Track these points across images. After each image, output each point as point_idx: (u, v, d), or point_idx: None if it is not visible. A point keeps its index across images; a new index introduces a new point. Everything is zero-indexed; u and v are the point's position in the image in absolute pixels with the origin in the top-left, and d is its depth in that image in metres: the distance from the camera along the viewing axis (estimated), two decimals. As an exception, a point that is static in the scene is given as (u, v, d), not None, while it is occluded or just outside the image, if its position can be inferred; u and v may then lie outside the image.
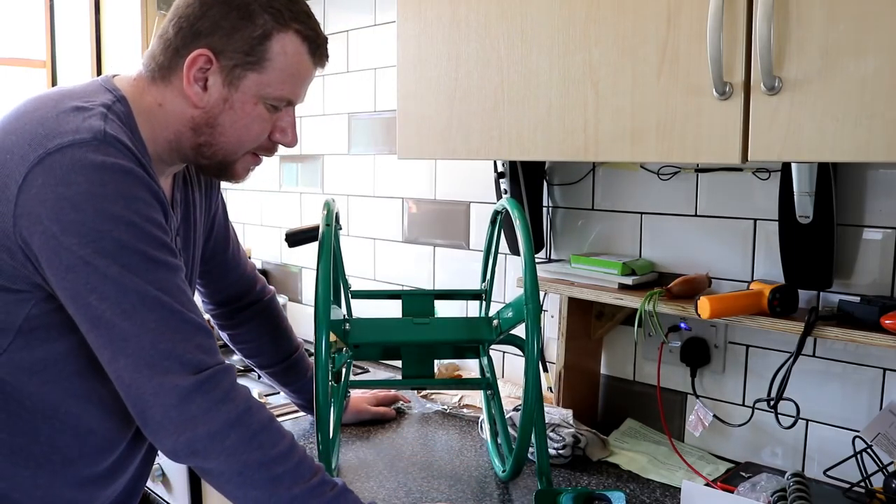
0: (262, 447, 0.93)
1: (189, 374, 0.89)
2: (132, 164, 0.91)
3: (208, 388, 0.90)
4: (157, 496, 1.61)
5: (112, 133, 0.91)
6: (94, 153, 0.88)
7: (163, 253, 0.92)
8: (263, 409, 0.96)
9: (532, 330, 1.09)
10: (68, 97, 0.95)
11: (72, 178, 0.87)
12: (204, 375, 0.90)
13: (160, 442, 0.91)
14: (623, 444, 1.43)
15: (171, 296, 0.91)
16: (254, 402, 0.95)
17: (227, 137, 1.03)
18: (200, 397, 0.90)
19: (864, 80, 0.83)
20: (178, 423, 0.89)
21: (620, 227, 1.50)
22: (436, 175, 1.88)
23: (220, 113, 1.01)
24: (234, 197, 2.60)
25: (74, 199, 0.87)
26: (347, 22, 2.08)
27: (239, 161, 1.06)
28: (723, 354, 1.39)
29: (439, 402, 1.63)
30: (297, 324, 2.30)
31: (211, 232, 1.29)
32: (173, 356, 0.89)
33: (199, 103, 1.00)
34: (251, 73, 0.99)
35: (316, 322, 1.10)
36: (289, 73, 1.02)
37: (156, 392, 0.88)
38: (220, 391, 0.91)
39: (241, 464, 0.92)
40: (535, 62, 1.14)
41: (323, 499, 0.95)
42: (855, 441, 1.18)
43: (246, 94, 1.00)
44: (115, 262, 0.88)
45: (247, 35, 0.98)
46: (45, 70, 3.00)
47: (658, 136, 1.01)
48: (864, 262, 1.20)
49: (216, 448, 0.91)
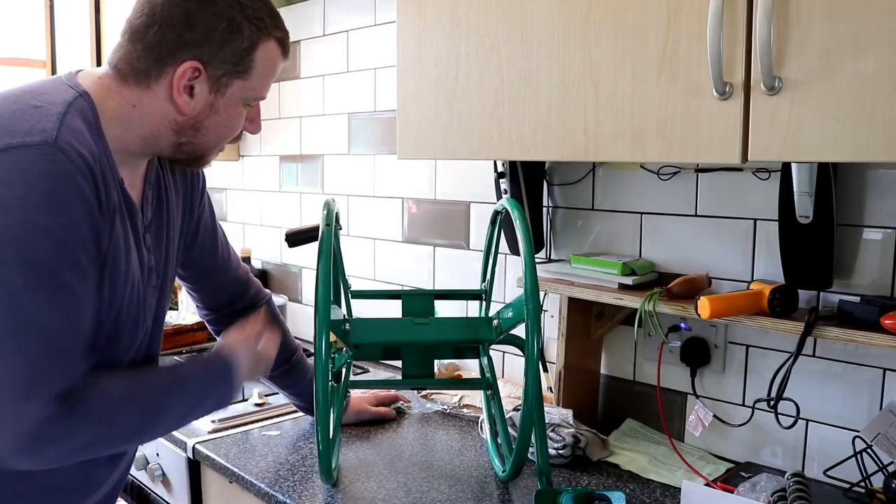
0: (131, 431, 1.01)
1: (47, 405, 0.89)
2: (76, 173, 0.90)
3: (65, 417, 0.90)
4: (157, 496, 1.61)
5: (64, 137, 0.90)
6: (39, 159, 0.88)
7: (73, 276, 0.91)
8: (129, 402, 0.99)
9: (532, 330, 1.09)
10: (28, 94, 0.95)
11: (11, 180, 0.87)
12: (61, 405, 0.90)
13: (16, 464, 0.92)
14: (623, 444, 1.43)
15: (62, 322, 0.91)
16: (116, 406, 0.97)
17: (209, 137, 1.06)
18: (57, 427, 0.90)
19: (864, 80, 0.83)
20: (30, 450, 0.90)
21: (620, 227, 1.50)
22: (436, 175, 1.88)
23: (206, 118, 1.03)
24: (235, 197, 2.60)
25: (7, 202, 0.87)
26: (347, 22, 2.08)
27: (212, 153, 1.11)
28: (723, 354, 1.39)
29: (439, 402, 1.63)
30: (297, 324, 2.31)
31: (196, 235, 1.28)
32: (39, 385, 0.89)
33: (186, 111, 1.02)
34: (237, 80, 1.02)
35: (316, 322, 1.10)
36: (267, 76, 1.06)
37: (14, 417, 0.88)
38: (76, 417, 0.91)
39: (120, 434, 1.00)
40: (535, 62, 1.14)
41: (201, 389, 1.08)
42: (855, 441, 1.18)
43: (231, 99, 1.04)
44: (23, 275, 0.87)
45: (235, 47, 1.00)
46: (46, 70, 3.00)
47: (658, 136, 1.01)
48: (864, 262, 1.19)
49: (72, 457, 0.96)
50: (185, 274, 1.34)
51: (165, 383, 1.06)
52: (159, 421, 1.04)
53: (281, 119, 2.36)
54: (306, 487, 1.24)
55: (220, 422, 1.54)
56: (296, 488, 1.24)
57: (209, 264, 1.33)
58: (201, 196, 1.28)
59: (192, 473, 1.49)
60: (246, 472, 1.30)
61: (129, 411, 0.99)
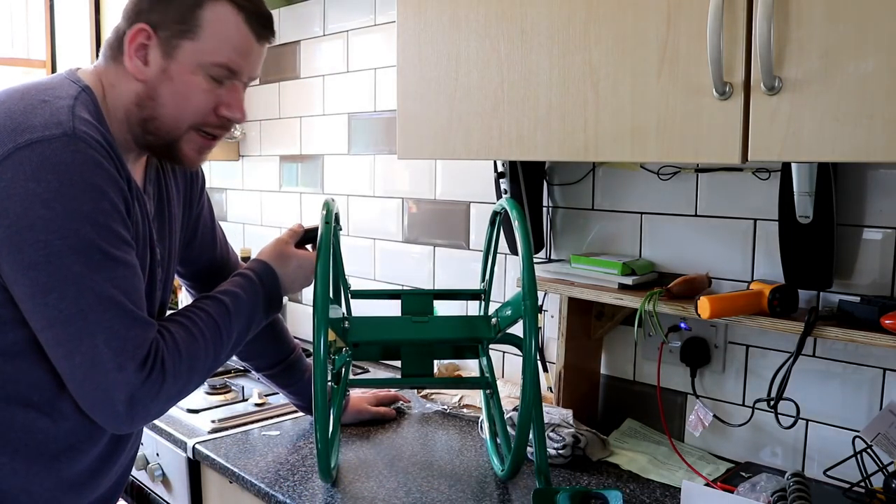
0: (204, 370, 1.07)
1: (138, 371, 0.95)
2: (101, 157, 0.94)
3: (153, 378, 0.97)
4: (157, 496, 1.61)
5: (80, 127, 0.93)
6: (63, 150, 0.91)
7: (123, 250, 0.96)
8: (196, 345, 1.04)
9: (529, 327, 1.09)
10: (34, 90, 0.97)
11: (42, 175, 0.89)
12: (147, 367, 0.96)
13: (115, 428, 1.00)
14: (623, 444, 1.43)
15: (125, 295, 0.96)
16: (187, 354, 1.03)
17: (168, 109, 1.03)
18: (147, 388, 0.96)
19: (864, 80, 0.83)
20: (130, 415, 0.96)
21: (620, 227, 1.50)
22: (436, 175, 1.88)
23: (160, 84, 1.02)
24: (235, 197, 2.60)
25: (44, 196, 0.89)
26: (347, 22, 2.08)
27: (184, 139, 1.06)
28: (723, 354, 1.39)
29: (439, 402, 1.63)
30: (297, 323, 2.31)
31: (196, 232, 1.30)
32: (125, 353, 0.94)
33: (139, 76, 1.02)
34: (185, 41, 1.01)
35: (314, 320, 1.10)
36: (223, 40, 1.02)
37: (109, 388, 0.94)
38: (162, 374, 0.98)
39: (198, 379, 1.06)
40: (535, 62, 1.14)
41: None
42: (855, 441, 1.18)
43: (183, 64, 1.02)
44: (79, 261, 0.91)
45: (179, 5, 1.01)
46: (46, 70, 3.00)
47: (658, 136, 1.01)
48: (864, 262, 1.19)
49: (166, 409, 1.03)
50: (184, 272, 1.35)
51: (219, 313, 1.10)
52: (227, 346, 1.11)
53: (281, 119, 2.36)
54: (306, 487, 1.24)
55: (220, 422, 1.54)
56: (296, 488, 1.24)
57: (208, 262, 1.34)
58: (200, 194, 1.29)
59: (192, 473, 1.49)
60: (246, 472, 1.30)
61: (202, 352, 1.05)
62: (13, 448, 0.99)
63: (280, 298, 1.23)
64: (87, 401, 0.96)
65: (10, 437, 0.99)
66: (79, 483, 1.07)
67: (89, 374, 0.93)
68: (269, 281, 1.20)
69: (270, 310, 1.21)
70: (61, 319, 0.92)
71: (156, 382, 0.97)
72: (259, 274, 1.19)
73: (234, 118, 1.07)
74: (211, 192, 1.33)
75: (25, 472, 1.00)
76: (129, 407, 0.95)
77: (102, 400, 0.95)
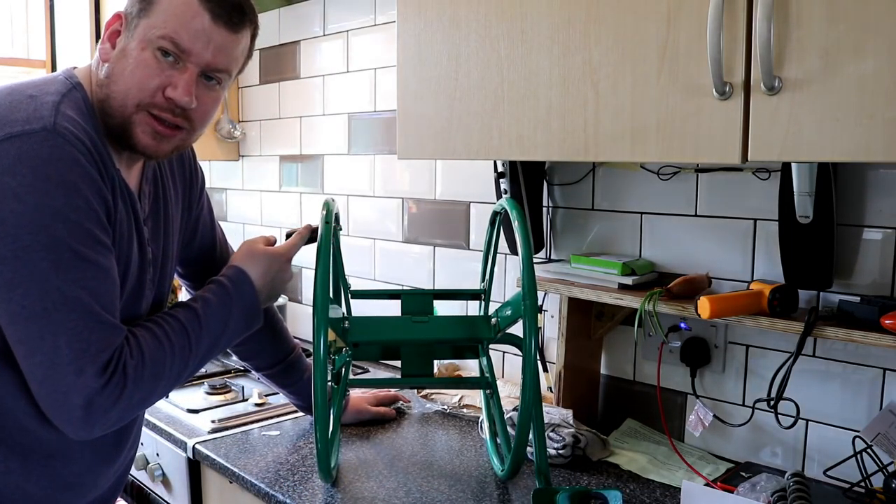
0: (171, 377, 1.04)
1: (98, 376, 0.93)
2: (80, 155, 0.93)
3: (113, 384, 0.95)
4: (157, 496, 1.61)
5: (62, 123, 0.93)
6: (41, 145, 0.90)
7: (95, 251, 0.94)
8: (161, 352, 1.02)
9: (529, 326, 1.09)
10: (24, 86, 0.98)
11: (17, 168, 0.89)
12: (108, 373, 0.94)
13: (72, 433, 0.96)
14: (623, 444, 1.43)
15: (93, 296, 0.94)
16: (152, 360, 1.00)
17: (118, 86, 1.00)
18: (106, 394, 0.94)
19: (863, 80, 0.83)
20: (88, 420, 0.94)
21: (620, 227, 1.50)
22: (436, 175, 1.88)
23: (117, 62, 1.01)
24: (235, 197, 2.60)
25: (17, 189, 0.88)
26: (347, 22, 2.08)
27: (135, 121, 1.00)
28: (723, 354, 1.38)
29: (439, 402, 1.63)
30: (297, 323, 2.31)
31: (195, 232, 1.30)
32: (86, 356, 0.92)
33: (104, 57, 1.02)
34: (143, 19, 1.00)
35: (314, 319, 1.10)
36: (172, 14, 0.98)
37: (67, 391, 0.92)
38: (123, 380, 0.96)
39: (164, 386, 1.04)
40: (535, 62, 1.14)
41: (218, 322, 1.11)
42: (855, 441, 1.18)
43: (136, 41, 1.00)
44: (47, 258, 0.90)
45: None
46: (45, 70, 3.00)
47: (658, 136, 1.01)
48: (864, 262, 1.19)
49: (127, 417, 1.00)
50: (183, 271, 1.35)
51: (189, 319, 1.07)
52: (197, 354, 1.07)
53: (281, 119, 2.36)
54: (306, 487, 1.24)
55: (220, 422, 1.54)
56: (296, 488, 1.24)
57: (208, 262, 1.34)
58: (200, 194, 1.29)
59: (192, 473, 1.49)
60: (246, 472, 1.30)
61: (168, 359, 1.02)
62: (7, 447, 0.99)
63: (256, 303, 1.18)
64: (45, 402, 0.94)
65: (4, 437, 0.99)
66: (76, 483, 1.07)
67: (48, 374, 0.92)
68: (242, 285, 1.16)
69: (250, 317, 1.16)
70: (24, 316, 0.90)
71: (116, 388, 0.94)
72: (231, 279, 1.16)
73: (179, 100, 0.99)
74: (211, 192, 1.33)
75: (20, 471, 1.00)
76: (86, 412, 0.93)
77: (60, 403, 0.93)
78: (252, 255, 1.20)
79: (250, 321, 1.17)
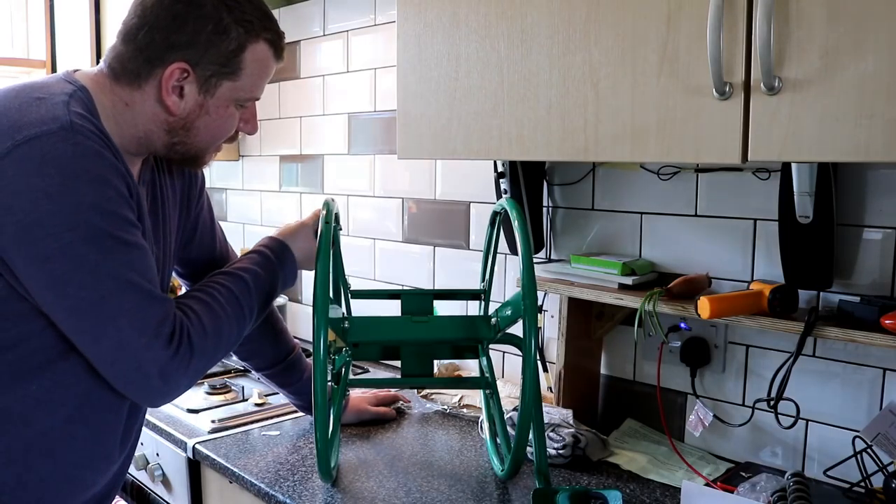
0: (228, 345, 1.11)
1: (164, 347, 0.98)
2: (100, 147, 0.95)
3: (182, 353, 1.00)
4: (157, 496, 1.61)
5: (77, 120, 0.94)
6: (62, 143, 0.92)
7: (133, 234, 0.98)
8: (219, 321, 1.08)
9: (529, 326, 1.09)
10: (29, 88, 0.99)
11: (44, 169, 0.90)
12: (174, 343, 0.99)
13: (152, 403, 1.06)
14: (623, 444, 1.43)
15: (141, 276, 0.98)
16: (213, 331, 1.06)
17: (201, 137, 1.09)
18: (177, 363, 0.99)
19: (863, 80, 0.83)
20: (164, 388, 1.00)
21: (620, 227, 1.50)
22: (436, 175, 1.88)
23: (197, 118, 1.07)
24: (235, 197, 2.60)
25: (49, 190, 0.90)
26: (347, 22, 2.08)
27: (209, 153, 1.14)
28: (723, 354, 1.38)
29: (439, 402, 1.63)
30: (297, 323, 2.31)
31: (194, 232, 1.30)
32: (149, 332, 0.97)
33: (176, 112, 1.05)
34: (226, 81, 1.06)
35: (314, 319, 1.10)
36: (259, 76, 1.09)
37: (140, 366, 0.97)
38: (189, 349, 1.01)
39: (222, 354, 1.11)
40: (535, 62, 1.14)
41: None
42: (855, 441, 1.18)
43: (220, 100, 1.07)
44: (93, 250, 0.93)
45: (223, 49, 1.03)
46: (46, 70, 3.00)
47: (658, 136, 1.01)
48: (864, 262, 1.19)
49: (193, 382, 1.06)
50: (183, 271, 1.35)
51: (241, 290, 1.14)
52: (248, 321, 1.15)
53: (281, 119, 2.36)
54: (306, 487, 1.24)
55: (220, 422, 1.54)
56: (296, 488, 1.24)
57: (207, 262, 1.34)
58: (199, 194, 1.30)
59: (192, 473, 1.49)
60: (246, 472, 1.30)
61: (226, 328, 1.09)
62: (10, 438, 0.99)
63: (295, 274, 1.27)
64: (121, 381, 0.99)
65: (7, 429, 0.99)
66: (75, 476, 1.07)
67: (119, 356, 0.96)
68: (285, 258, 1.25)
69: (286, 285, 1.26)
70: (83, 308, 0.94)
71: (184, 357, 1.00)
72: (275, 251, 1.24)
73: (250, 132, 1.15)
74: (211, 192, 1.34)
75: (21, 462, 1.00)
76: (163, 381, 0.99)
77: (137, 378, 0.98)
78: (288, 228, 1.30)
79: (288, 287, 1.28)
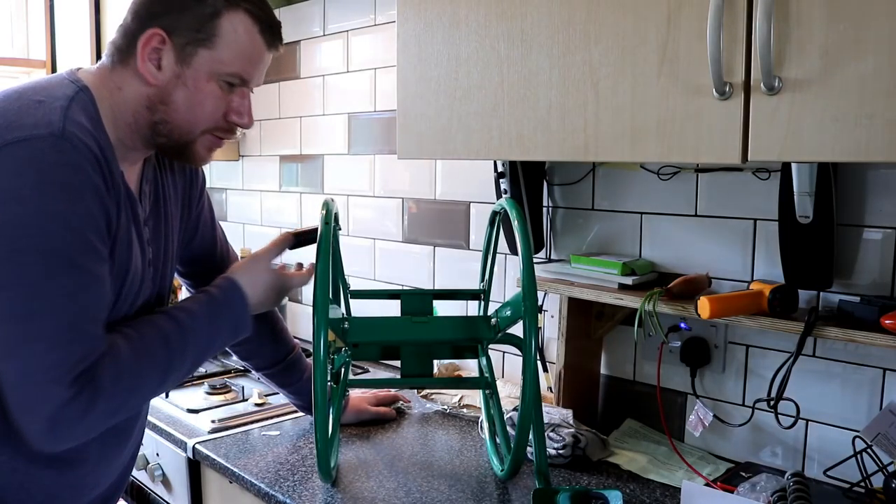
0: (147, 391, 1.03)
1: (69, 386, 0.91)
2: (85, 162, 0.93)
3: (83, 397, 0.92)
4: (157, 496, 1.61)
5: (70, 129, 0.93)
6: (48, 150, 0.91)
7: (90, 260, 0.94)
8: (140, 365, 1.00)
9: (529, 326, 1.09)
10: (31, 90, 0.98)
11: (23, 171, 0.89)
12: (78, 384, 0.92)
13: (35, 444, 0.94)
14: (623, 444, 1.43)
15: (79, 306, 0.93)
16: (129, 373, 0.98)
17: (181, 114, 1.04)
18: (73, 408, 0.92)
19: (863, 80, 0.83)
20: (56, 432, 0.92)
21: (620, 227, 1.50)
22: (436, 175, 1.88)
23: (174, 89, 1.03)
24: (235, 197, 2.60)
25: (22, 191, 0.89)
26: (347, 22, 2.08)
27: (197, 141, 1.08)
28: (723, 354, 1.38)
29: (439, 402, 1.63)
30: (297, 324, 2.31)
31: (195, 232, 1.30)
32: (62, 367, 0.91)
33: (152, 80, 1.03)
34: (202, 49, 1.02)
35: (314, 320, 1.10)
36: (240, 50, 1.04)
37: (39, 399, 0.91)
38: (94, 392, 0.93)
39: (139, 400, 1.03)
40: (535, 62, 1.14)
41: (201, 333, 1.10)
42: (855, 441, 1.18)
43: (198, 71, 1.03)
44: (40, 262, 0.90)
45: (197, 13, 1.01)
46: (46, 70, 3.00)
47: (658, 136, 1.01)
48: (864, 262, 1.19)
49: (96, 430, 0.98)
50: (184, 271, 1.35)
51: (172, 332, 1.06)
52: (176, 369, 1.06)
53: (281, 119, 2.36)
54: (306, 487, 1.24)
55: (220, 422, 1.54)
56: (296, 488, 1.24)
57: (208, 262, 1.34)
58: (200, 194, 1.30)
59: (192, 473, 1.49)
60: (246, 472, 1.30)
61: (145, 372, 1.01)
62: (13, 446, 0.99)
63: (247, 318, 1.18)
64: (13, 408, 0.92)
65: (10, 435, 0.99)
66: (79, 482, 1.07)
67: (21, 380, 0.91)
68: (234, 300, 1.16)
69: (237, 329, 1.17)
70: (7, 318, 0.90)
71: (84, 401, 0.92)
72: (225, 291, 1.16)
73: (243, 125, 1.09)
74: (211, 192, 1.33)
75: (25, 469, 1.00)
76: (55, 425, 0.91)
77: (26, 411, 0.91)
78: (239, 263, 1.25)
79: (238, 331, 1.17)
